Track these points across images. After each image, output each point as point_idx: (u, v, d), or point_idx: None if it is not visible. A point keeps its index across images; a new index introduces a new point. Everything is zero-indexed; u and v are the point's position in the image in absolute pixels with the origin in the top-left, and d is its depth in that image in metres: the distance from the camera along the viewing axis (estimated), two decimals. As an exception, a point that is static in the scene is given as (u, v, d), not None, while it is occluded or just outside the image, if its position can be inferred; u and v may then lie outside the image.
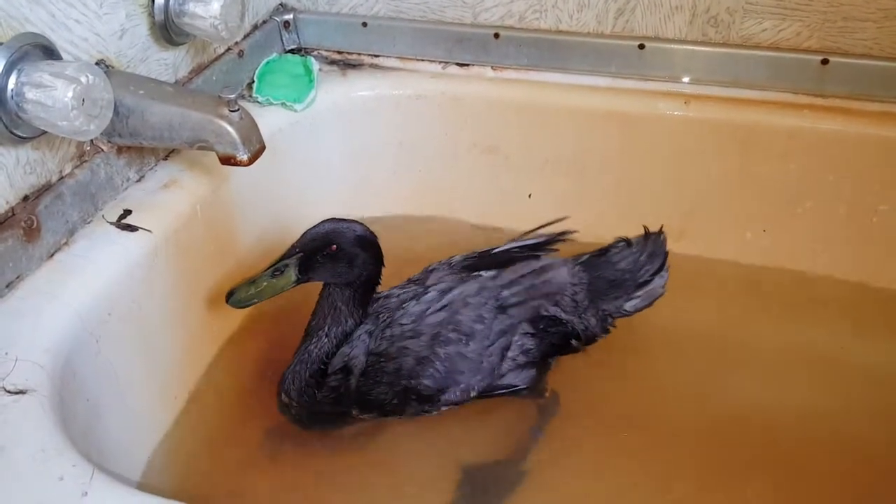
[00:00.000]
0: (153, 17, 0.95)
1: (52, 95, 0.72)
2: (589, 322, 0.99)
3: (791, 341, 1.10)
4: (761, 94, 1.11)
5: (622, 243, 1.03)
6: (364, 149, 1.23)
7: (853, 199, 1.10)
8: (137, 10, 0.93)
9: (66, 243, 0.86)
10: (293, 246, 0.90)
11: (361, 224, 0.92)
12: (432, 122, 1.22)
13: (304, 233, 0.91)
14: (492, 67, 1.21)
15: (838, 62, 1.07)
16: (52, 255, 0.84)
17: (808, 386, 1.03)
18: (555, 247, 1.02)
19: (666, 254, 1.03)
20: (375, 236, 0.93)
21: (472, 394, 0.94)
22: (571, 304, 0.98)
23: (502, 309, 0.94)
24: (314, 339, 0.93)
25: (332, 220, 0.92)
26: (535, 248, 1.01)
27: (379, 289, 0.95)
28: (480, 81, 1.21)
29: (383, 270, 0.94)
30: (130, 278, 0.87)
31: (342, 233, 0.91)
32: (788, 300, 1.16)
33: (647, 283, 1.02)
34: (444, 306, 0.93)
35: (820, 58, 1.07)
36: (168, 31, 0.97)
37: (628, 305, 1.01)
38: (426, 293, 0.95)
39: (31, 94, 0.73)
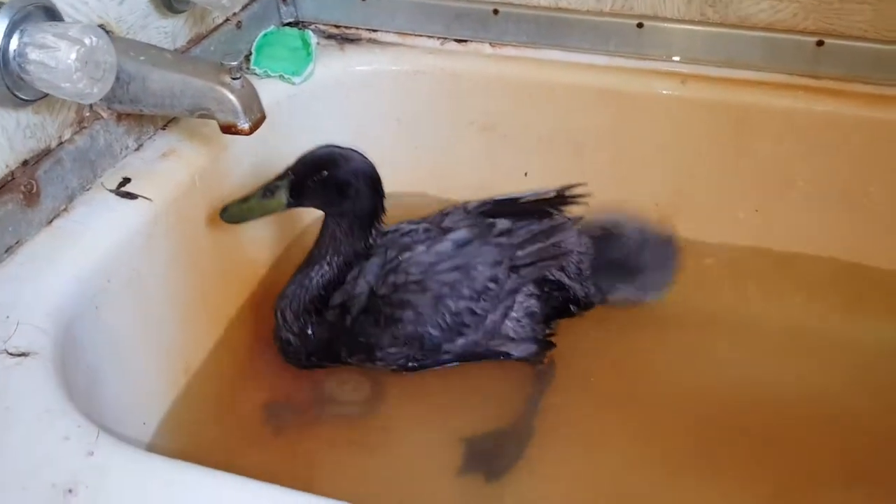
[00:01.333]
0: (154, -17, 0.94)
1: (56, 56, 0.71)
2: (589, 289, 1.00)
3: (784, 320, 1.11)
4: (757, 74, 1.12)
5: (637, 232, 1.04)
6: (361, 124, 1.23)
7: (845, 180, 1.11)
8: (138, -24, 0.93)
9: (65, 209, 0.86)
10: (287, 168, 0.90)
11: (360, 153, 0.92)
12: (430, 99, 1.22)
13: (302, 154, 0.91)
14: (490, 44, 1.20)
15: (833, 44, 1.08)
16: (52, 221, 0.84)
17: (803, 364, 1.04)
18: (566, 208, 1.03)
19: (674, 267, 1.04)
20: (373, 167, 0.92)
21: (472, 348, 0.95)
22: (576, 271, 0.99)
23: (515, 269, 0.95)
24: (316, 267, 0.93)
25: (329, 145, 0.92)
26: (550, 203, 1.01)
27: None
28: (479, 58, 1.20)
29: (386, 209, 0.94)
30: (130, 246, 0.86)
31: (335, 159, 0.90)
32: (780, 279, 1.17)
33: (645, 287, 1.03)
34: (459, 266, 0.93)
35: (815, 39, 1.08)
36: (169, -2, 0.96)
37: (617, 295, 1.02)
38: (440, 242, 0.95)
39: (33, 54, 0.72)
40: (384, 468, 0.92)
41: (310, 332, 0.94)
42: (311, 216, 1.19)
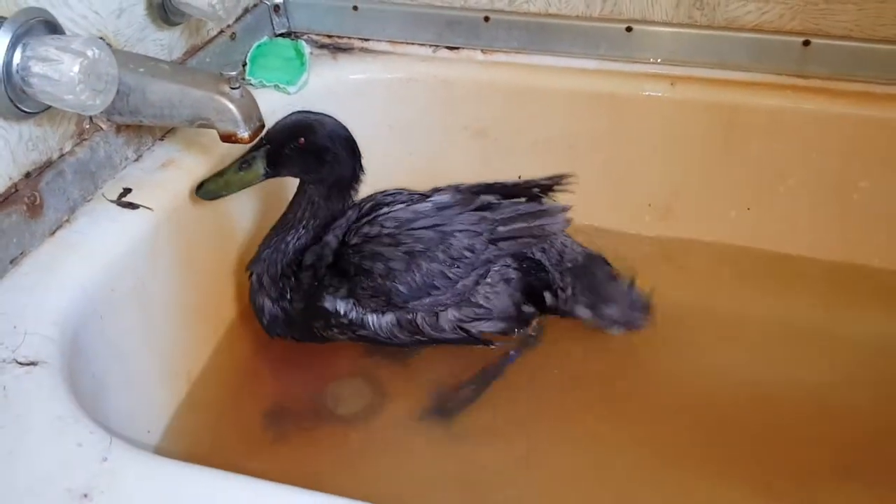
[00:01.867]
0: (151, -4, 0.95)
1: (59, 69, 0.72)
2: (567, 284, 1.00)
3: (776, 317, 1.13)
4: (745, 75, 1.14)
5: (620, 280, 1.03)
6: (356, 132, 1.21)
7: (835, 177, 1.13)
8: (135, -11, 0.94)
9: (67, 220, 0.86)
10: (261, 138, 0.88)
11: (332, 118, 0.92)
12: (423, 106, 1.23)
13: (274, 124, 0.90)
14: (482, 51, 1.22)
15: (820, 44, 1.10)
16: (55, 232, 0.85)
17: (795, 359, 1.06)
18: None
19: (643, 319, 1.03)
20: (348, 131, 0.92)
21: (439, 310, 0.94)
22: (557, 258, 0.99)
23: (494, 241, 0.95)
24: (293, 231, 0.93)
25: (302, 111, 0.91)
26: (542, 188, 1.02)
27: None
28: (471, 64, 1.22)
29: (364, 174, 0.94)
30: (133, 255, 0.87)
31: (311, 125, 0.90)
32: (772, 277, 1.18)
33: (611, 318, 1.02)
34: (436, 226, 0.93)
35: (802, 39, 1.10)
36: (165, 10, 0.97)
37: (583, 312, 1.02)
38: (421, 203, 0.96)
39: (37, 67, 0.73)
40: (385, 473, 0.93)
41: (288, 297, 0.94)
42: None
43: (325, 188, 0.92)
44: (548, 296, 1.00)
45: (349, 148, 0.92)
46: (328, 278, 0.94)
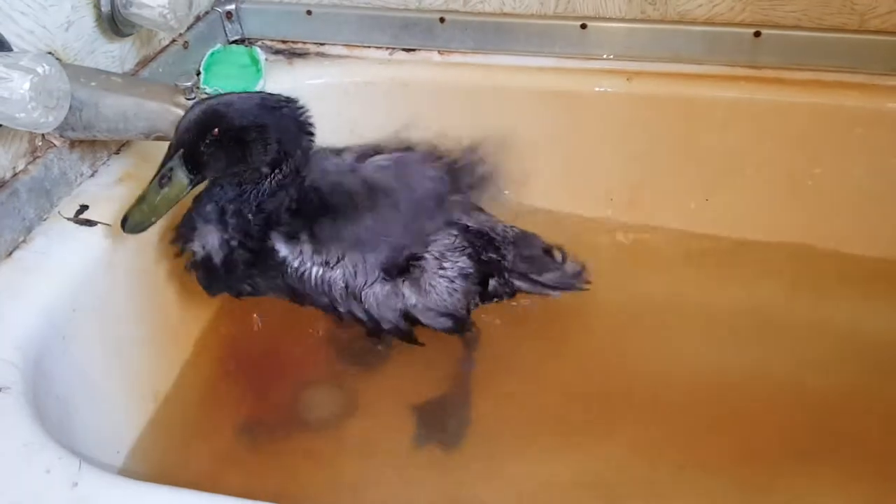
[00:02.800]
0: (99, 8, 0.93)
1: (9, 87, 0.71)
2: (511, 262, 1.00)
3: (739, 304, 1.14)
4: (699, 68, 1.15)
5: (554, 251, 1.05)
6: (317, 137, 1.23)
7: (790, 165, 1.15)
8: (83, 2, 0.92)
9: (24, 241, 0.85)
10: (170, 145, 0.78)
11: (237, 93, 0.81)
12: (382, 109, 1.23)
13: (178, 124, 0.77)
14: (438, 52, 1.22)
15: (770, 34, 1.11)
16: (11, 253, 0.83)
17: (759, 345, 1.08)
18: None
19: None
20: (262, 96, 0.81)
21: (403, 254, 0.89)
22: (502, 236, 1.01)
23: (455, 183, 0.95)
24: (252, 184, 0.83)
25: (201, 100, 0.79)
26: None
27: None
28: (428, 66, 1.22)
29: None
30: (93, 274, 0.86)
31: (216, 110, 0.77)
32: (734, 265, 1.20)
33: (552, 286, 1.03)
34: (393, 162, 0.90)
35: (753, 31, 1.12)
36: (115, 22, 0.95)
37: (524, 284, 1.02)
38: (375, 154, 0.93)
39: (-15, 86, 0.71)
40: (360, 478, 0.93)
41: (239, 236, 0.85)
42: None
43: (270, 164, 0.82)
44: (492, 282, 0.99)
45: (273, 114, 0.80)
46: (286, 218, 0.85)
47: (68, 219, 0.88)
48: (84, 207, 0.90)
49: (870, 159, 1.13)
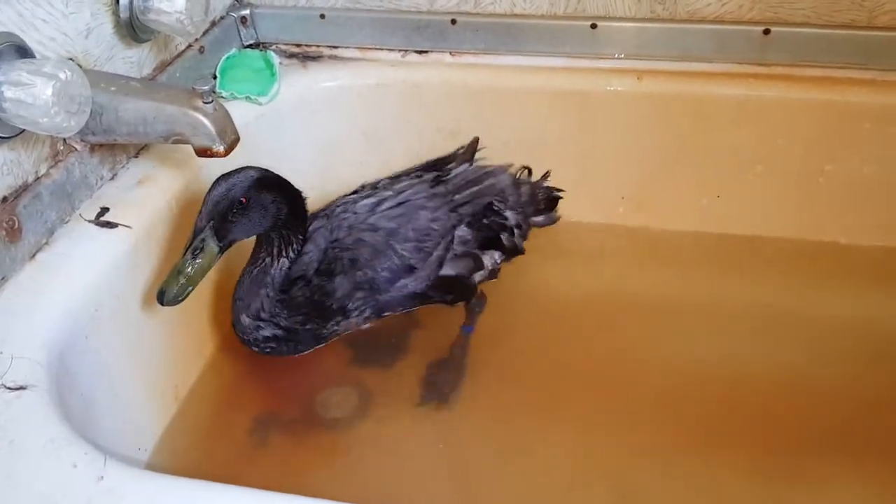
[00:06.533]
0: (118, 14, 0.95)
1: (32, 93, 0.73)
2: (522, 221, 1.09)
3: (752, 300, 1.15)
4: (709, 66, 1.16)
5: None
6: (329, 139, 1.25)
7: (800, 161, 1.16)
8: (102, 9, 0.94)
9: (46, 243, 0.86)
10: (200, 217, 0.86)
11: (252, 168, 0.90)
12: (395, 110, 1.24)
13: (205, 199, 0.87)
14: (450, 53, 1.23)
15: (779, 31, 1.12)
16: (34, 255, 0.85)
17: (772, 340, 1.09)
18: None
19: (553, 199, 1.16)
20: (269, 171, 0.91)
21: (423, 285, 1.00)
22: (514, 200, 1.08)
23: (454, 209, 1.02)
24: (268, 259, 0.94)
25: (223, 176, 0.88)
26: (465, 156, 1.12)
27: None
28: (440, 67, 1.23)
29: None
30: (114, 274, 0.87)
31: (241, 184, 0.88)
32: (745, 261, 1.21)
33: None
34: (401, 203, 1.00)
35: (762, 28, 1.12)
36: (133, 28, 0.97)
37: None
38: (381, 191, 1.03)
39: (9, 92, 0.73)
40: (376, 473, 0.94)
41: (284, 315, 0.95)
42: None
43: (279, 229, 0.92)
44: (504, 236, 1.06)
45: (281, 185, 0.92)
46: (322, 283, 0.97)
47: (89, 221, 0.90)
48: (105, 210, 0.92)
49: (880, 155, 1.13)
